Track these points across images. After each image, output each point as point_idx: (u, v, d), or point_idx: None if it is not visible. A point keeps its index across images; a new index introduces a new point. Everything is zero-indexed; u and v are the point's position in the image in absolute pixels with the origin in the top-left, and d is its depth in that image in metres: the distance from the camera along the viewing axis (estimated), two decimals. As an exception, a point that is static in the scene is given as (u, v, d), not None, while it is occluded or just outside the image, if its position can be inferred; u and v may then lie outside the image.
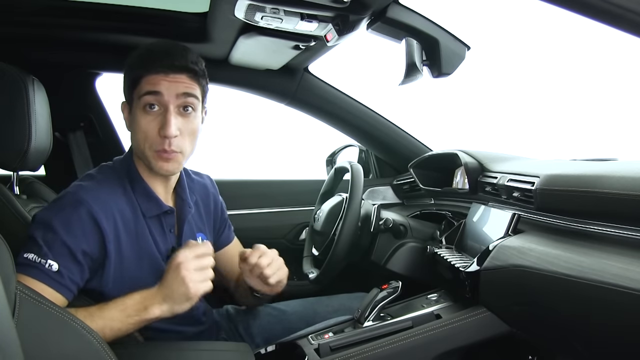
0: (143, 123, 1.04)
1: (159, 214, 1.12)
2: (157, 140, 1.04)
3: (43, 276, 0.94)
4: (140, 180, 1.10)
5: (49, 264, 0.94)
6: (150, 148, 1.05)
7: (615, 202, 0.87)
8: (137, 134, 1.06)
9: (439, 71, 1.19)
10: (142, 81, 1.04)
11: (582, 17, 0.74)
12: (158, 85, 1.03)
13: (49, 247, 0.95)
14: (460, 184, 1.58)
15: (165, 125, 1.02)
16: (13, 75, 1.06)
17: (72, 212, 0.98)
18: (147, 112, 1.04)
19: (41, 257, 0.94)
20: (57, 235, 0.95)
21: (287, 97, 1.84)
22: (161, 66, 1.03)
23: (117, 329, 0.95)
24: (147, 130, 1.04)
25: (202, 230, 1.26)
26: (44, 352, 0.78)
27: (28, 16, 1.39)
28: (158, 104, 1.04)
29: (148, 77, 1.03)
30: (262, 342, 1.34)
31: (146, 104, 1.04)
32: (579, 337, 0.96)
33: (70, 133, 1.70)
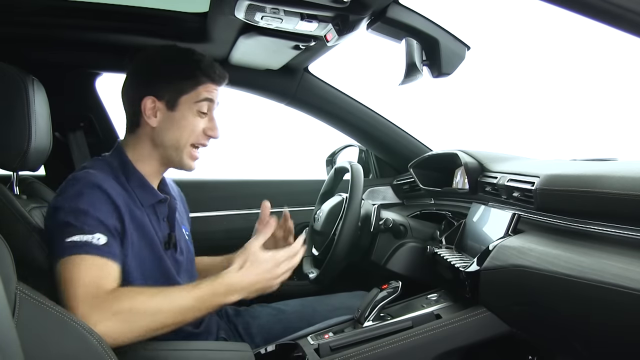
0: (195, 123, 1.15)
1: (154, 203, 1.16)
2: (202, 137, 1.16)
3: (97, 250, 0.96)
4: (135, 171, 1.14)
5: (96, 238, 0.97)
6: (191, 143, 1.15)
7: (615, 202, 0.87)
8: (183, 130, 1.14)
9: (439, 71, 1.19)
10: (200, 88, 1.14)
11: (582, 17, 0.74)
12: (213, 94, 1.16)
13: (88, 225, 0.97)
14: (460, 184, 1.58)
15: (215, 129, 1.17)
16: (13, 75, 1.06)
17: (92, 193, 1.01)
18: (200, 115, 1.15)
19: (86, 234, 0.96)
20: (89, 214, 0.98)
21: (287, 97, 1.84)
22: (217, 77, 1.16)
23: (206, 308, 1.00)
24: (196, 130, 1.15)
25: (183, 224, 1.31)
26: (44, 352, 0.78)
27: (28, 16, 1.39)
28: (209, 110, 1.17)
29: (208, 85, 1.15)
30: (261, 342, 1.34)
31: (201, 109, 1.14)
32: (578, 337, 0.96)
33: (70, 133, 1.70)
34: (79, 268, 0.94)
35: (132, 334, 0.92)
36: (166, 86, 1.12)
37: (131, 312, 0.93)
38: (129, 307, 0.93)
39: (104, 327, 0.89)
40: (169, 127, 1.13)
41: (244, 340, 1.35)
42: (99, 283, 0.94)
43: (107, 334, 0.89)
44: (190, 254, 1.27)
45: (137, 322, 0.93)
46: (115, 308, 0.91)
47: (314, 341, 1.18)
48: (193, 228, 1.43)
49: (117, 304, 0.92)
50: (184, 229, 1.29)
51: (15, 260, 0.77)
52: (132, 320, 0.92)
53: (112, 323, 0.90)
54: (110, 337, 0.89)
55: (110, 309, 0.91)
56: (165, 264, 1.13)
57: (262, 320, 1.41)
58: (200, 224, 1.82)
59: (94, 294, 0.92)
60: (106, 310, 0.91)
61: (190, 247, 1.29)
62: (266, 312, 1.44)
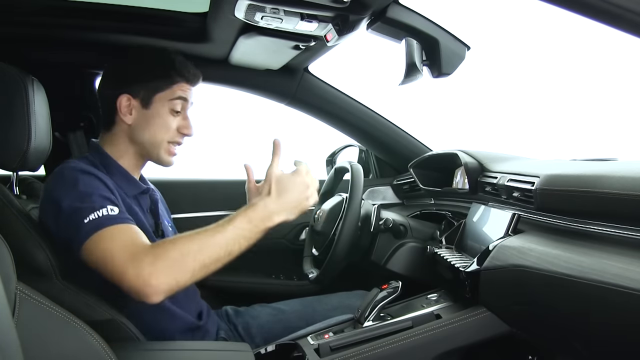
0: (169, 121, 1.19)
1: (137, 194, 1.20)
2: (176, 135, 1.20)
3: (117, 219, 0.98)
4: (117, 165, 1.18)
5: (110, 209, 0.99)
6: (166, 141, 1.19)
7: (615, 202, 0.87)
8: (156, 128, 1.18)
9: (439, 71, 1.19)
10: (174, 86, 1.18)
11: (582, 17, 0.74)
12: (187, 93, 1.20)
13: (96, 203, 0.99)
14: (460, 184, 1.58)
15: (189, 128, 1.21)
16: (13, 75, 1.06)
17: (85, 177, 1.03)
18: (173, 114, 1.19)
19: (99, 209, 0.98)
20: (91, 193, 1.00)
21: (287, 97, 1.84)
22: (191, 76, 1.21)
23: (248, 237, 1.02)
24: (170, 127, 1.19)
25: (167, 218, 1.34)
26: (44, 352, 0.78)
27: (28, 16, 1.39)
28: (183, 109, 1.20)
29: (182, 84, 1.19)
30: (261, 342, 1.34)
31: (174, 108, 1.19)
32: (578, 336, 0.96)
33: (70, 133, 1.70)
34: (111, 239, 0.95)
35: (185, 276, 0.94)
36: (141, 85, 1.17)
37: (180, 255, 0.94)
38: (175, 250, 0.94)
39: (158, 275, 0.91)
40: (144, 125, 1.17)
41: (244, 340, 1.36)
42: (134, 243, 0.95)
43: (163, 280, 0.91)
44: None
45: (187, 262, 0.94)
46: (162, 255, 0.93)
47: (314, 341, 1.18)
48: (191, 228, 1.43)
49: (164, 252, 0.94)
50: (166, 221, 1.31)
51: (15, 260, 0.77)
52: (182, 262, 0.94)
53: (164, 270, 0.91)
54: (166, 282, 0.91)
55: (158, 257, 0.92)
56: None
57: (262, 320, 1.41)
58: (201, 224, 1.82)
59: (134, 254, 0.93)
60: (155, 259, 0.92)
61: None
62: (266, 312, 1.44)
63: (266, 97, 1.87)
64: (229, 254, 0.99)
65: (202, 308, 1.27)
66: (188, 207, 1.84)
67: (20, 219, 1.02)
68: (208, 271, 0.97)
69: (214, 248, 0.98)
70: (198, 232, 1.00)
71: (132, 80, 1.17)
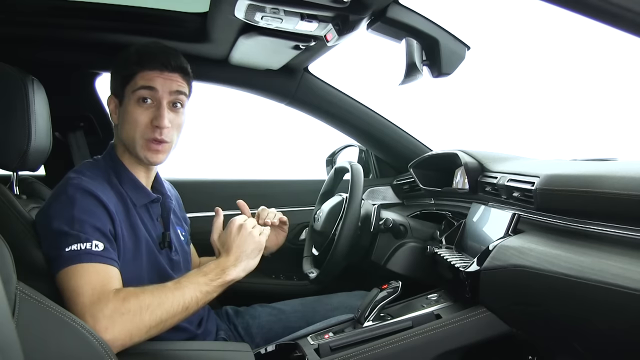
0: (136, 114, 1.11)
1: (147, 203, 1.17)
2: (148, 130, 1.11)
3: (96, 257, 0.97)
4: (127, 172, 1.15)
5: (94, 245, 0.98)
6: (141, 137, 1.11)
7: (615, 202, 0.87)
8: (128, 124, 1.12)
9: (439, 71, 1.19)
10: (137, 76, 1.10)
11: (582, 17, 0.74)
12: (153, 81, 1.10)
13: (84, 233, 0.98)
14: (460, 184, 1.58)
15: (159, 117, 1.10)
16: (13, 75, 1.06)
17: (85, 199, 1.01)
18: (141, 105, 1.11)
19: (84, 242, 0.97)
20: (84, 221, 0.99)
21: (287, 97, 1.84)
22: (157, 63, 1.11)
23: (205, 292, 1.02)
24: (139, 121, 1.11)
25: (179, 225, 1.31)
26: (44, 352, 0.78)
27: (28, 16, 1.39)
28: (152, 98, 1.11)
29: (143, 73, 1.10)
30: (261, 342, 1.34)
31: (140, 98, 1.10)
32: (578, 337, 0.96)
33: (70, 133, 1.70)
34: (82, 277, 0.94)
35: (140, 332, 0.93)
36: (115, 81, 1.15)
37: (139, 307, 0.94)
38: (135, 303, 0.94)
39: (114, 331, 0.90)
40: (122, 122, 1.14)
41: (244, 340, 1.36)
42: (102, 289, 0.94)
43: (118, 337, 0.90)
44: (185, 254, 1.27)
45: (144, 317, 0.94)
46: (122, 309, 0.92)
47: (314, 341, 1.18)
48: (195, 228, 1.43)
49: (124, 306, 0.93)
50: (179, 229, 1.29)
51: (15, 260, 0.77)
52: (139, 316, 0.93)
53: (120, 326, 0.91)
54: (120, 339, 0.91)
55: (117, 309, 0.92)
56: (160, 263, 1.14)
57: (262, 320, 1.41)
58: (200, 224, 1.82)
59: (99, 300, 0.92)
60: (114, 313, 0.92)
61: (185, 248, 1.29)
62: (266, 312, 1.44)
63: (266, 97, 1.87)
64: (186, 310, 0.99)
65: (203, 314, 1.27)
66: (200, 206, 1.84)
67: (20, 219, 1.03)
68: (164, 327, 0.97)
69: (172, 303, 0.97)
70: (159, 287, 1.00)
71: (112, 79, 1.17)
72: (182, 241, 1.28)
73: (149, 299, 0.95)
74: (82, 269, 0.95)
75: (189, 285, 1.01)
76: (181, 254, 1.24)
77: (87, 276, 0.95)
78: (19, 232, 1.00)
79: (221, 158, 3.18)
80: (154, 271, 1.12)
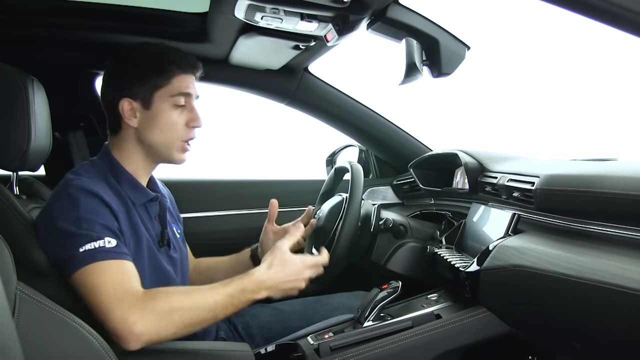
0: (174, 117, 1.14)
1: (145, 202, 1.17)
2: (186, 131, 1.16)
3: (111, 254, 0.97)
4: (125, 172, 1.14)
5: (107, 242, 0.97)
6: (178, 139, 1.15)
7: (615, 202, 0.87)
8: (164, 127, 1.14)
9: (439, 71, 1.19)
10: (173, 80, 1.13)
11: (582, 17, 0.74)
12: (188, 86, 1.15)
13: (94, 231, 0.97)
14: (460, 184, 1.58)
15: (198, 119, 1.16)
16: (13, 75, 1.06)
17: (88, 199, 1.01)
18: (176, 108, 1.14)
19: (96, 241, 0.96)
20: (91, 220, 0.98)
21: (287, 97, 1.84)
22: (190, 67, 1.15)
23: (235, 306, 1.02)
24: (177, 123, 1.14)
25: (175, 223, 1.31)
26: (44, 352, 0.78)
27: (28, 16, 1.39)
28: (186, 103, 1.15)
29: (181, 76, 1.14)
30: (261, 342, 1.34)
31: (177, 103, 1.14)
32: (578, 337, 0.96)
33: (70, 133, 1.70)
34: (102, 275, 0.94)
35: (169, 332, 0.94)
36: (139, 85, 1.13)
37: (170, 309, 0.95)
38: (165, 305, 0.95)
39: (143, 325, 0.91)
40: (150, 126, 1.13)
41: (244, 340, 1.36)
42: (125, 284, 0.95)
43: (146, 332, 0.91)
44: (182, 252, 1.28)
45: (174, 319, 0.95)
46: (152, 306, 0.93)
47: (314, 341, 1.18)
48: (191, 229, 1.43)
49: (154, 303, 0.94)
50: (175, 227, 1.29)
51: (15, 260, 0.77)
52: (169, 318, 0.94)
53: (150, 321, 0.92)
54: (148, 334, 0.92)
55: (147, 307, 0.93)
56: (160, 262, 1.14)
57: (262, 320, 1.41)
58: (200, 224, 1.82)
59: (124, 295, 0.93)
60: (144, 308, 0.92)
61: (182, 246, 1.29)
62: (266, 312, 1.44)
63: (266, 97, 1.87)
64: (214, 317, 1.00)
65: None
66: (195, 207, 1.84)
67: (20, 219, 1.02)
68: (191, 331, 0.98)
69: (203, 310, 0.98)
70: (193, 290, 1.00)
71: (129, 83, 1.13)
72: (179, 239, 1.29)
73: (181, 301, 0.97)
74: (100, 267, 0.95)
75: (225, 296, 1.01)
76: (179, 251, 1.24)
77: (107, 274, 0.95)
78: (19, 232, 1.00)
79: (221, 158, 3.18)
80: (154, 270, 1.12)
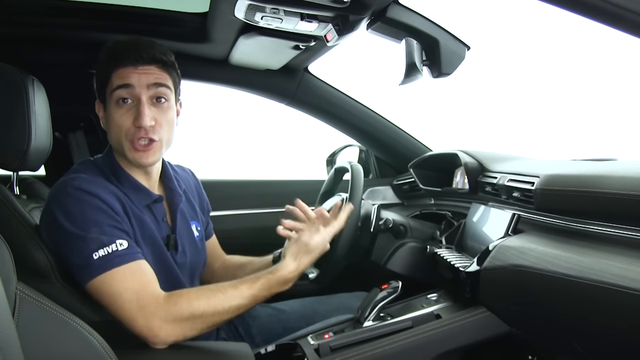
0: (117, 116, 1.05)
1: (149, 204, 1.13)
2: (132, 131, 1.05)
3: (126, 257, 0.96)
4: (126, 174, 1.11)
5: (119, 245, 0.97)
6: (126, 139, 1.05)
7: (615, 202, 0.87)
8: (112, 128, 1.06)
9: (439, 71, 1.19)
10: (112, 76, 1.05)
11: (582, 17, 0.74)
12: (128, 77, 1.03)
13: (104, 234, 0.96)
14: (460, 184, 1.58)
15: (140, 116, 1.03)
16: (13, 75, 1.06)
17: (92, 201, 0.99)
18: (120, 105, 1.04)
19: (108, 245, 0.96)
20: (99, 223, 0.97)
21: (287, 97, 1.84)
22: (129, 58, 1.03)
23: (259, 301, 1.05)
24: (121, 123, 1.05)
25: (194, 219, 1.27)
26: (44, 352, 0.78)
27: (28, 16, 1.39)
28: (130, 96, 1.04)
29: (117, 71, 1.04)
30: (261, 342, 1.34)
31: (119, 98, 1.04)
32: (578, 337, 0.96)
33: (70, 133, 1.70)
34: (120, 282, 0.94)
35: (192, 333, 0.97)
36: (97, 85, 1.10)
37: (192, 317, 0.96)
38: (189, 312, 0.96)
39: (167, 331, 0.93)
40: (108, 127, 1.09)
41: (244, 340, 1.35)
42: (145, 289, 0.95)
43: (171, 335, 0.94)
44: (197, 253, 1.23)
45: (196, 325, 0.97)
46: (175, 314, 0.94)
47: (314, 341, 1.18)
48: None
49: (177, 310, 0.95)
50: (194, 225, 1.25)
51: (15, 261, 0.77)
52: (192, 323, 0.96)
53: (173, 328, 0.94)
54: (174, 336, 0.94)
55: (170, 314, 0.94)
56: (169, 263, 1.12)
57: (262, 320, 1.41)
58: None
59: (145, 303, 0.94)
60: (167, 316, 0.94)
61: (198, 246, 1.24)
62: (266, 312, 1.44)
63: (266, 97, 1.87)
64: (237, 316, 1.03)
65: None
66: None
67: (20, 219, 1.02)
68: (214, 327, 1.01)
69: (227, 312, 1.00)
70: (216, 293, 1.00)
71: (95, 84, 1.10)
72: (196, 238, 1.24)
73: (204, 307, 0.97)
74: (117, 274, 0.94)
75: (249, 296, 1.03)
76: (190, 254, 1.19)
77: (125, 280, 0.94)
78: (19, 232, 1.00)
79: (221, 158, 3.18)
80: (163, 270, 1.09)
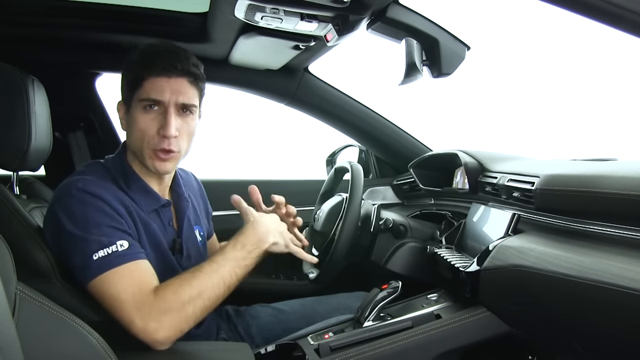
0: (142, 122, 1.04)
1: (157, 208, 1.13)
2: (155, 139, 1.05)
3: (126, 257, 0.96)
4: (137, 178, 1.10)
5: (119, 245, 0.97)
6: (148, 146, 1.05)
7: (615, 202, 0.87)
8: (135, 132, 1.06)
9: (439, 71, 1.19)
10: (144, 83, 1.04)
11: (582, 17, 0.74)
12: (160, 88, 1.03)
13: (104, 235, 0.96)
14: (460, 184, 1.58)
15: (166, 126, 1.03)
16: (13, 75, 1.06)
17: (94, 201, 0.99)
18: (147, 111, 1.04)
19: (108, 246, 0.96)
20: (100, 224, 0.97)
21: (287, 97, 1.84)
22: (163, 68, 1.03)
23: (244, 265, 1.04)
24: (146, 129, 1.04)
25: (198, 224, 1.28)
26: (44, 352, 0.78)
27: (28, 16, 1.39)
28: (158, 104, 1.04)
29: (151, 79, 1.03)
30: (261, 342, 1.34)
31: (147, 105, 1.04)
32: (578, 337, 0.96)
33: (70, 133, 1.70)
34: (119, 282, 0.94)
35: (189, 323, 0.96)
36: (125, 88, 1.10)
37: (182, 304, 0.95)
38: (176, 301, 0.95)
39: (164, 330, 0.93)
40: (129, 130, 1.09)
41: (244, 340, 1.35)
42: (142, 290, 0.95)
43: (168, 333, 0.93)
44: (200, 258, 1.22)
45: (189, 312, 0.96)
46: (164, 308, 0.94)
47: (314, 341, 1.18)
48: None
49: (166, 303, 0.94)
50: (197, 230, 1.25)
51: (15, 261, 0.77)
52: (184, 312, 0.95)
53: (167, 323, 0.93)
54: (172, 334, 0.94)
55: (160, 310, 0.93)
56: (174, 267, 1.12)
57: (262, 320, 1.41)
58: None
59: (142, 303, 0.94)
60: (159, 313, 0.93)
61: (201, 250, 1.25)
62: (266, 312, 1.44)
63: (266, 97, 1.87)
64: (228, 288, 1.01)
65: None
66: None
67: (20, 219, 1.02)
68: (210, 310, 1.00)
69: (212, 289, 0.99)
70: (194, 275, 0.99)
71: (122, 85, 1.11)
72: (199, 243, 1.24)
73: (188, 292, 0.96)
74: (117, 274, 0.94)
75: (226, 263, 1.01)
76: (194, 258, 1.19)
77: (124, 280, 0.94)
78: (19, 232, 1.00)
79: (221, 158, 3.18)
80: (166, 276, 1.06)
